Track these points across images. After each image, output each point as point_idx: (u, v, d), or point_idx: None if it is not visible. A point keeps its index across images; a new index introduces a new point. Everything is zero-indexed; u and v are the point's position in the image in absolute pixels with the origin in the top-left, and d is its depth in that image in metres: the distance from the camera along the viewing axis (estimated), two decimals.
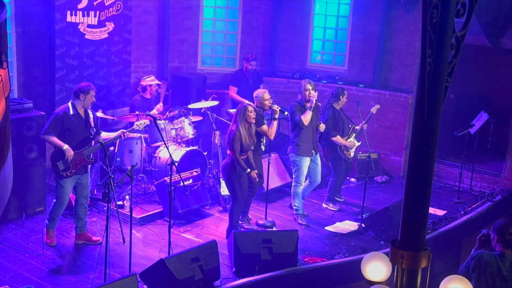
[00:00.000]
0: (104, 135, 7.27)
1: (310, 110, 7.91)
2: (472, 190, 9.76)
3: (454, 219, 8.63)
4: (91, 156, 7.07)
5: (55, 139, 6.87)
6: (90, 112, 7.11)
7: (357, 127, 8.61)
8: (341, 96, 8.44)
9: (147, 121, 7.67)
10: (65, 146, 6.84)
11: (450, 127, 9.70)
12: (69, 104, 6.98)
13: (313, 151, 8.10)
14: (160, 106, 9.09)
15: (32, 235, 7.42)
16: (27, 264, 6.77)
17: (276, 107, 7.75)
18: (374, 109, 8.79)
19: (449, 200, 9.44)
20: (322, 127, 8.13)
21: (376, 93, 10.32)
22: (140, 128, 7.57)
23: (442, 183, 10.08)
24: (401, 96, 10.19)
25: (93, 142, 7.16)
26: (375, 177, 10.01)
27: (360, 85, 10.32)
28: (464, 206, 9.16)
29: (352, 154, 8.61)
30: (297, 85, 10.79)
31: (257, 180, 7.55)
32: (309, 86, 8.00)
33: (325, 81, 10.69)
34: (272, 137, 7.78)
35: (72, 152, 6.86)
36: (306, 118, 7.90)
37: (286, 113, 8.04)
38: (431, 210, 8.58)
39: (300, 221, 8.19)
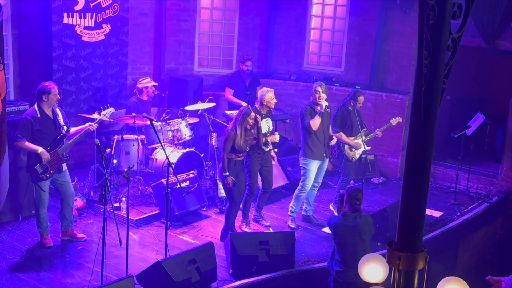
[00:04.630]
0: (73, 130, 7.28)
1: (319, 115, 7.78)
2: (468, 191, 9.78)
3: (450, 220, 8.64)
4: (66, 154, 7.10)
5: (28, 144, 6.88)
6: (58, 110, 7.13)
7: (374, 133, 8.59)
8: (352, 101, 8.33)
9: (112, 109, 7.62)
10: (40, 150, 6.86)
11: (446, 129, 9.73)
12: (35, 106, 6.97)
13: (324, 155, 8.01)
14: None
15: (29, 237, 7.41)
16: (24, 267, 6.76)
17: (276, 138, 7.86)
18: (394, 121, 8.68)
19: (445, 201, 9.46)
20: (333, 141, 8.12)
21: (372, 95, 10.33)
22: (107, 117, 7.54)
23: (439, 184, 10.10)
24: (397, 97, 10.20)
25: (65, 140, 7.18)
26: (372, 178, 10.01)
27: (356, 87, 10.31)
28: (461, 207, 9.17)
29: (357, 156, 8.48)
30: (294, 86, 10.90)
31: (231, 186, 7.41)
32: (319, 89, 7.83)
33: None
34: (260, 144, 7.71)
35: (48, 154, 6.88)
36: (315, 123, 7.79)
37: (275, 149, 8.11)
38: (428, 212, 8.59)
39: (289, 224, 8.16)
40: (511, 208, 9.57)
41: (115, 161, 8.47)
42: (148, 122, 7.30)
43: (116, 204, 7.91)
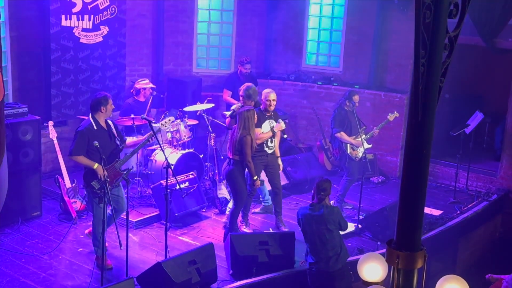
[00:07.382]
0: (130, 141, 7.04)
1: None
2: (468, 189, 9.78)
3: (450, 218, 8.64)
4: (123, 168, 6.77)
5: (84, 159, 6.52)
6: (110, 122, 6.80)
7: (372, 132, 8.63)
8: (347, 101, 8.39)
9: (172, 118, 7.49)
10: (96, 165, 6.46)
11: (445, 127, 9.73)
12: (90, 118, 6.62)
13: None
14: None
15: (28, 239, 7.41)
16: (24, 269, 6.76)
17: (282, 125, 7.86)
18: (391, 116, 8.68)
19: (445, 199, 9.46)
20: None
21: (371, 94, 10.33)
22: (166, 126, 7.31)
23: (438, 183, 10.10)
24: (396, 96, 10.20)
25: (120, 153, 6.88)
26: (371, 177, 10.01)
27: (355, 86, 10.32)
28: (460, 205, 9.17)
29: (359, 154, 8.50)
30: (293, 86, 10.90)
31: (259, 186, 7.64)
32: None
33: (320, 83, 10.71)
34: (258, 142, 7.65)
35: (103, 171, 6.46)
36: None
37: (285, 135, 8.13)
38: (427, 210, 8.59)
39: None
40: (511, 206, 9.57)
41: None
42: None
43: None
